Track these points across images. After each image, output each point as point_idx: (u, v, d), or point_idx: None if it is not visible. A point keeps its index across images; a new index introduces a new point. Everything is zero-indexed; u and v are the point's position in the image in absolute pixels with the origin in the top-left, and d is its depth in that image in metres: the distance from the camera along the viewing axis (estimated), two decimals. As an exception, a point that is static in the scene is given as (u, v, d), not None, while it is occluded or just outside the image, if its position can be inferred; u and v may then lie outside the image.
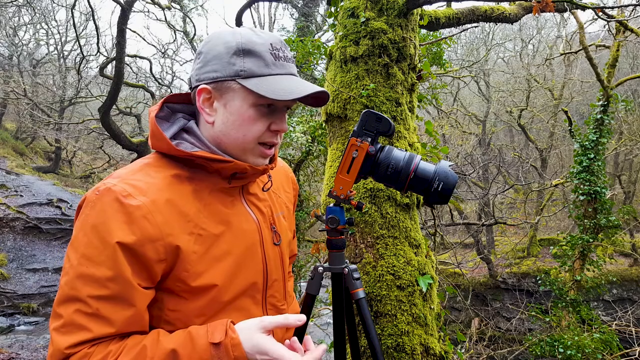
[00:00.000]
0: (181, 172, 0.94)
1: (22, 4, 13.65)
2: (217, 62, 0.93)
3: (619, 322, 7.33)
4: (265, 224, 1.06)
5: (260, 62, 0.93)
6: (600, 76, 7.05)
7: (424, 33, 4.07)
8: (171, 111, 1.03)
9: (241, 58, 0.92)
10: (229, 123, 0.95)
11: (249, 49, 0.92)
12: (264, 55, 0.93)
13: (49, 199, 12.39)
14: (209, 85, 0.94)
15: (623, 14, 6.75)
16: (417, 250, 2.23)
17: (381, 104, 2.29)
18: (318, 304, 6.11)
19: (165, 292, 0.92)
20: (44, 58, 18.79)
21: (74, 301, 0.83)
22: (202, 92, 0.95)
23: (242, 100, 0.93)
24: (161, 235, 0.86)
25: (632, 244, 11.84)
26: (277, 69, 0.94)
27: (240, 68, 0.92)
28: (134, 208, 0.84)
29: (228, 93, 0.94)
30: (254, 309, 1.01)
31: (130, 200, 0.85)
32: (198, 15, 38.26)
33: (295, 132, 5.09)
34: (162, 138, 0.94)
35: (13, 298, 9.42)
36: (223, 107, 0.95)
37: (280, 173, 1.23)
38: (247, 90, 0.92)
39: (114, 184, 0.87)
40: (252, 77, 0.92)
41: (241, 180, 0.99)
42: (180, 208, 0.90)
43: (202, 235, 0.92)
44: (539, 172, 13.58)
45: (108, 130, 7.39)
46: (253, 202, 1.05)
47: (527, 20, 15.67)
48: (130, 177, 0.90)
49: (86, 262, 0.84)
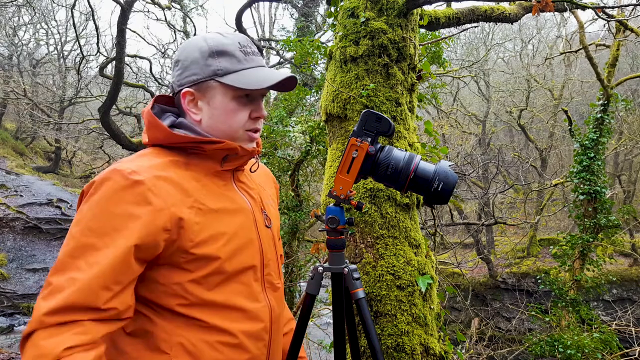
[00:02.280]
0: (178, 159, 1.02)
1: (22, 4, 13.64)
2: (195, 66, 1.05)
3: (619, 322, 7.33)
4: (257, 207, 1.14)
5: (233, 60, 1.04)
6: (600, 76, 7.04)
7: (423, 32, 4.07)
8: (161, 110, 1.12)
9: (216, 59, 1.04)
10: (215, 117, 1.05)
11: (221, 50, 1.04)
12: (235, 54, 1.05)
13: (49, 199, 12.39)
14: (191, 87, 1.05)
15: (623, 13, 6.75)
16: (417, 250, 2.23)
17: (381, 104, 2.29)
18: (318, 304, 6.11)
19: (170, 267, 0.97)
20: (44, 58, 18.78)
21: (68, 270, 0.86)
22: (186, 95, 1.06)
23: (223, 95, 1.04)
24: (166, 206, 0.93)
25: (632, 244, 11.83)
26: (248, 63, 1.06)
27: (216, 68, 1.03)
28: (139, 183, 0.92)
29: (209, 91, 1.05)
30: (255, 285, 1.08)
31: (135, 176, 0.92)
32: (198, 15, 38.29)
33: (294, 132, 5.09)
34: (159, 126, 1.03)
35: (13, 298, 9.42)
36: (207, 104, 1.06)
37: (263, 173, 1.31)
38: (226, 85, 1.03)
39: (119, 165, 0.95)
40: (228, 74, 1.03)
41: (233, 162, 1.08)
42: (181, 185, 0.98)
43: (202, 209, 0.99)
44: (539, 172, 13.58)
45: (108, 130, 7.38)
46: (244, 188, 1.14)
47: (527, 20, 15.68)
48: (132, 161, 0.98)
49: (89, 233, 0.89)
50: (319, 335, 6.07)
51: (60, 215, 11.86)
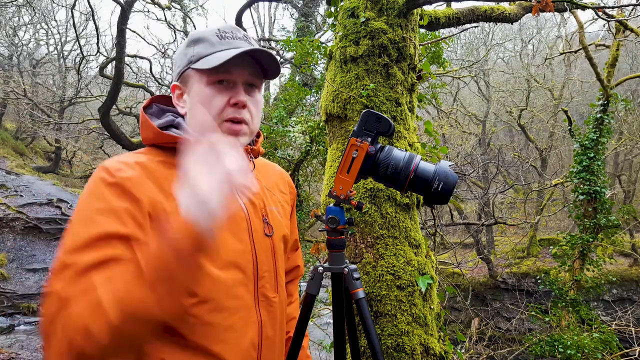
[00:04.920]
0: (170, 160, 0.98)
1: (22, 4, 13.64)
2: (178, 59, 1.04)
3: (619, 322, 7.34)
4: (255, 214, 1.07)
5: (206, 45, 1.00)
6: (600, 76, 7.05)
7: (423, 32, 4.07)
8: (161, 110, 1.10)
9: (192, 47, 1.02)
10: (192, 106, 1.01)
11: (198, 38, 1.02)
12: (209, 39, 1.01)
13: (49, 199, 12.39)
14: (177, 81, 1.05)
15: (623, 13, 6.75)
16: (417, 250, 2.23)
17: (381, 104, 2.29)
18: (318, 304, 6.11)
19: None
20: (44, 58, 18.79)
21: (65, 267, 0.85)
22: (175, 89, 1.05)
23: (198, 83, 1.00)
24: (153, 203, 0.90)
25: (632, 244, 11.83)
26: (222, 46, 1.00)
27: (191, 55, 1.01)
28: (124, 179, 0.89)
29: (189, 81, 1.02)
30: (248, 297, 1.01)
31: (121, 173, 0.90)
32: (198, 15, 38.24)
33: (294, 132, 5.09)
34: (149, 125, 1.00)
35: (13, 298, 9.42)
36: (188, 95, 1.03)
37: (276, 174, 1.25)
38: (200, 71, 0.99)
39: (106, 162, 0.94)
40: (200, 59, 0.99)
41: None
42: (166, 187, 0.93)
43: None
44: (539, 172, 13.58)
45: (108, 130, 7.39)
46: None
47: (527, 20, 15.68)
48: (121, 158, 0.96)
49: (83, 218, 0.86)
50: (319, 335, 6.07)
51: (60, 215, 11.85)
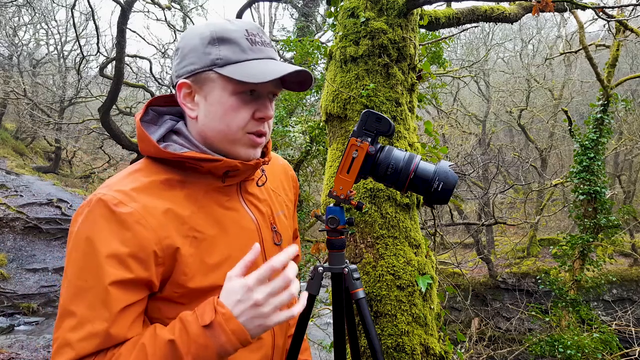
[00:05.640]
0: (172, 177, 0.91)
1: (22, 4, 13.65)
2: (193, 55, 0.91)
3: (619, 322, 7.34)
4: (265, 223, 1.04)
5: (236, 49, 0.90)
6: (600, 76, 7.05)
7: (423, 32, 4.07)
8: (157, 114, 1.01)
9: (216, 47, 0.90)
10: (212, 115, 0.92)
11: (223, 37, 0.90)
12: (239, 42, 0.90)
13: (49, 199, 12.39)
14: (188, 79, 0.92)
15: (623, 13, 6.75)
16: (417, 250, 2.23)
17: (381, 104, 2.29)
18: (318, 304, 6.10)
19: (164, 301, 0.89)
20: (44, 58, 18.80)
21: (69, 316, 0.81)
22: (182, 87, 0.93)
23: (221, 90, 0.91)
24: (158, 239, 0.84)
25: (632, 244, 11.84)
26: (255, 53, 0.91)
27: (216, 56, 0.89)
28: (126, 215, 0.82)
29: (207, 84, 0.91)
30: None
31: (122, 208, 0.82)
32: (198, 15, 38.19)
33: (294, 132, 5.10)
34: (148, 141, 0.91)
35: (13, 298, 9.42)
36: (204, 99, 0.92)
37: (280, 171, 1.21)
38: (226, 78, 0.89)
39: (104, 193, 0.85)
40: (229, 64, 0.89)
41: (235, 177, 0.97)
42: (174, 212, 0.88)
43: (197, 237, 0.89)
44: (539, 172, 13.58)
45: (108, 130, 7.39)
46: (252, 202, 1.03)
47: (527, 20, 15.69)
48: (120, 185, 0.87)
49: (80, 274, 0.81)
50: (319, 335, 6.08)
51: (60, 215, 11.86)
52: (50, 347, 7.62)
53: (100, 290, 0.80)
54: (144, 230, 0.83)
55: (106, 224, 0.82)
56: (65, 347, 0.79)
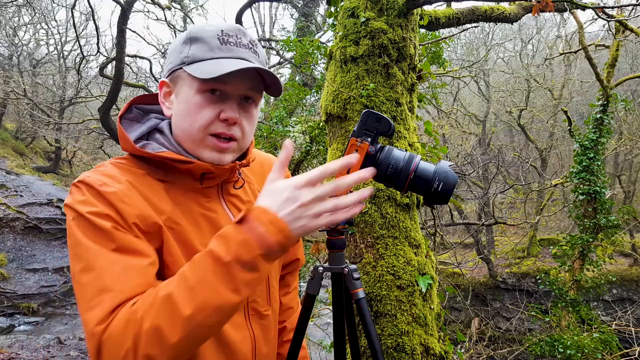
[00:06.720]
0: (154, 174, 0.91)
1: (22, 4, 13.65)
2: (172, 54, 0.94)
3: (619, 322, 7.34)
4: None
5: (204, 47, 0.90)
6: (600, 76, 7.05)
7: (423, 32, 4.07)
8: (143, 112, 1.01)
9: (188, 46, 0.91)
10: (179, 113, 0.92)
11: (196, 37, 0.91)
12: (209, 41, 0.91)
13: (49, 199, 12.40)
14: (166, 78, 0.94)
15: (623, 13, 6.75)
16: (417, 250, 2.24)
17: (381, 104, 2.29)
18: (318, 304, 6.10)
19: None
20: (44, 58, 18.81)
21: (90, 271, 0.79)
22: (163, 86, 0.95)
23: (189, 88, 0.90)
24: (142, 216, 0.84)
25: (632, 244, 11.84)
26: (222, 52, 0.90)
27: (185, 55, 0.91)
28: (110, 194, 0.82)
29: (179, 82, 0.92)
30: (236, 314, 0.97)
31: (106, 188, 0.83)
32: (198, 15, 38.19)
33: (294, 132, 5.10)
34: (125, 139, 0.91)
35: (13, 298, 9.42)
36: (176, 97, 0.93)
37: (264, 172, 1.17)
38: (192, 76, 0.89)
39: (89, 175, 0.86)
40: (195, 62, 0.90)
41: (212, 180, 0.95)
42: (154, 202, 0.87)
43: (174, 229, 0.88)
44: (539, 172, 13.59)
45: (108, 130, 7.40)
46: (233, 203, 1.01)
47: (526, 20, 15.69)
48: (104, 170, 0.88)
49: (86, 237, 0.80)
50: (319, 335, 6.08)
51: (60, 215, 11.86)
52: (50, 347, 7.64)
53: (107, 239, 0.79)
54: (128, 208, 0.82)
55: (93, 199, 0.82)
56: (104, 294, 0.75)
